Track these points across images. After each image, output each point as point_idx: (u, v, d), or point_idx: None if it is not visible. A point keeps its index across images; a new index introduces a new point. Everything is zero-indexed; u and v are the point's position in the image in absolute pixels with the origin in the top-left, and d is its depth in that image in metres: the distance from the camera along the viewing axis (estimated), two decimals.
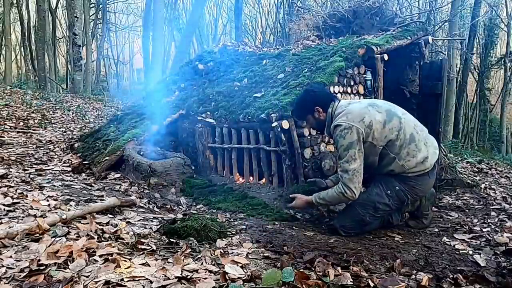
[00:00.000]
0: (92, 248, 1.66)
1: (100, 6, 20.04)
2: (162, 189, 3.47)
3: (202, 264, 1.64)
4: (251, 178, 3.67)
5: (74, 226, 1.97)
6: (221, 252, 1.83)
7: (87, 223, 2.02)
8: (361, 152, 2.35)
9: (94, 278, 1.40)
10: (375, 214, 2.51)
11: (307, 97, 2.65)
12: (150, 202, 3.02)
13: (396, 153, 2.39)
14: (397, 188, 2.47)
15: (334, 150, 3.36)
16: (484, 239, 2.51)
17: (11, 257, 1.55)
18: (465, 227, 2.87)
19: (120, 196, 2.80)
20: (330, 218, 2.83)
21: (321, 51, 4.15)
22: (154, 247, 1.78)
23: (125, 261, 1.57)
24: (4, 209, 2.16)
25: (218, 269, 1.59)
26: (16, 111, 6.85)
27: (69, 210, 2.25)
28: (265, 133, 3.46)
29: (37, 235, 1.79)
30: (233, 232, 2.24)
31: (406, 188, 2.47)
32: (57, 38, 19.38)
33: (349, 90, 3.66)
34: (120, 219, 2.24)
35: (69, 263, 1.52)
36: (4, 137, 4.97)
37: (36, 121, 6.35)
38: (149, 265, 1.57)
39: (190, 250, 1.80)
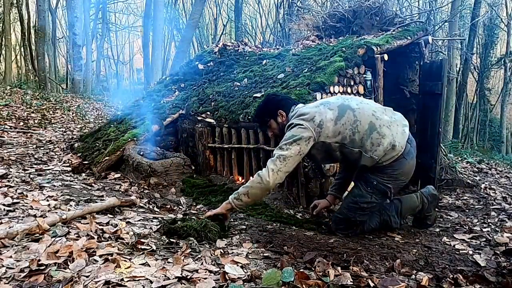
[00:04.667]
0: (92, 248, 1.66)
1: (100, 6, 20.03)
2: (162, 189, 3.47)
3: (202, 264, 1.64)
4: (251, 178, 3.66)
5: (74, 226, 1.97)
6: (221, 252, 1.83)
7: (87, 223, 2.02)
8: (299, 148, 2.26)
9: (94, 278, 1.40)
10: (363, 212, 2.50)
11: (270, 102, 2.63)
12: (150, 202, 3.02)
13: (360, 147, 2.34)
14: (375, 182, 2.43)
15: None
16: (484, 239, 2.51)
17: (11, 257, 1.55)
18: (465, 227, 2.87)
19: (120, 196, 2.80)
20: (330, 219, 2.83)
21: (321, 51, 4.15)
22: (154, 247, 1.78)
23: (125, 261, 1.57)
24: (4, 209, 2.16)
25: (218, 269, 1.59)
26: (16, 111, 6.85)
27: (69, 210, 2.25)
28: (265, 133, 3.46)
29: (37, 235, 1.79)
30: (233, 232, 2.24)
31: (384, 178, 2.41)
32: (57, 38, 19.37)
33: (349, 90, 3.65)
34: (120, 219, 2.24)
35: (69, 263, 1.52)
36: (4, 137, 4.97)
37: (36, 121, 6.35)
38: (149, 265, 1.57)
39: (190, 250, 1.80)
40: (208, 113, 4.02)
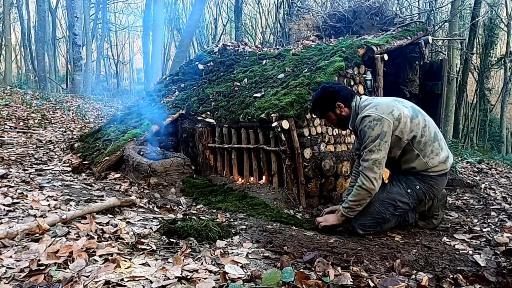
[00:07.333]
0: (92, 248, 1.66)
1: (100, 6, 20.03)
2: (162, 189, 3.47)
3: (202, 264, 1.64)
4: (251, 178, 3.67)
5: (74, 226, 1.97)
6: (221, 252, 1.83)
7: (87, 223, 2.02)
8: (387, 145, 2.34)
9: (94, 278, 1.40)
10: (395, 212, 2.52)
11: (326, 94, 2.58)
12: (150, 202, 3.02)
13: (421, 150, 2.42)
14: (418, 187, 2.49)
15: (354, 142, 3.22)
16: (484, 239, 2.51)
17: (11, 257, 1.55)
18: (465, 227, 2.87)
19: (120, 196, 2.80)
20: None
21: (321, 51, 4.15)
22: (154, 247, 1.78)
23: (125, 261, 1.57)
24: (4, 209, 2.16)
25: (218, 269, 1.59)
26: (16, 111, 6.85)
27: (69, 210, 2.25)
28: (265, 133, 3.46)
29: (37, 235, 1.79)
30: (233, 232, 2.24)
31: (425, 187, 2.50)
32: (57, 38, 19.39)
33: None
34: (120, 219, 2.24)
35: (69, 263, 1.52)
36: (4, 137, 4.97)
37: (36, 121, 6.35)
38: (149, 265, 1.57)
39: (190, 250, 1.80)
40: (208, 113, 4.02)
